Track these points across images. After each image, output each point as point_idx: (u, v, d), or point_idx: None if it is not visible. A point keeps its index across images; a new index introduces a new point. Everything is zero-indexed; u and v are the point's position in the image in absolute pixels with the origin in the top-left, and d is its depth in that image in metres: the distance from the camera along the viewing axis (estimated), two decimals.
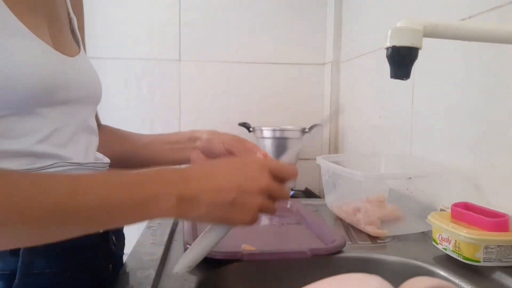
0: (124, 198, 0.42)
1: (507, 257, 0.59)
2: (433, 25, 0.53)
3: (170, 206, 0.43)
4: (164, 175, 0.46)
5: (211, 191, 0.46)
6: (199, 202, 0.45)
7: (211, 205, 0.45)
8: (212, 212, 0.46)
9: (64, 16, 0.61)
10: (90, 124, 0.61)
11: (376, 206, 0.84)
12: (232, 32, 1.58)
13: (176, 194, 0.44)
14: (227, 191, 0.46)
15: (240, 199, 0.46)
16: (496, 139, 0.71)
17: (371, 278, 0.33)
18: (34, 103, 0.48)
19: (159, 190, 0.43)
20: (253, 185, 0.47)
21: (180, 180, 0.45)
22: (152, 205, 0.43)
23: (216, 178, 0.47)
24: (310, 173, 1.61)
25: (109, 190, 0.42)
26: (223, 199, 0.46)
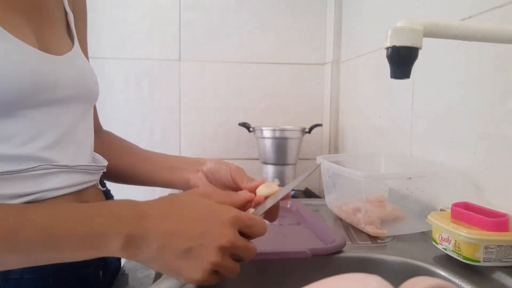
0: (67, 235, 0.40)
1: (507, 257, 0.59)
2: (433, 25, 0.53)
3: (118, 246, 0.40)
4: (114, 212, 0.42)
5: (164, 235, 0.41)
6: (148, 244, 0.41)
7: (161, 250, 0.41)
8: (161, 258, 0.41)
9: (57, 12, 0.59)
10: (85, 124, 0.59)
11: (376, 206, 0.84)
12: (232, 32, 1.58)
13: (125, 233, 0.40)
14: (181, 238, 0.41)
15: (195, 251, 0.41)
16: (496, 139, 0.71)
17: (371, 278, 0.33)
18: (15, 106, 0.46)
19: (105, 229, 0.41)
20: (212, 241, 0.42)
21: (133, 217, 0.42)
22: (98, 244, 0.40)
23: (174, 221, 0.42)
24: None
25: (52, 225, 0.40)
26: (175, 246, 0.41)
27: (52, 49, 0.53)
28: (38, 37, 0.52)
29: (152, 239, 0.41)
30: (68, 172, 0.53)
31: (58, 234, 0.40)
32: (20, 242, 0.39)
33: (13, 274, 0.48)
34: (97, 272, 0.57)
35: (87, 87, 0.59)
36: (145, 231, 0.41)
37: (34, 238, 0.39)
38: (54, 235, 0.40)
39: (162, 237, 0.41)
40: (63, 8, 0.61)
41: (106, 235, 0.40)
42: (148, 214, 0.42)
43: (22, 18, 0.50)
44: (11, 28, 0.47)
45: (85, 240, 0.40)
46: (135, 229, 0.41)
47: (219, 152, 1.60)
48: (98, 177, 0.62)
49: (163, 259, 0.42)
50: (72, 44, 0.59)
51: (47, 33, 0.54)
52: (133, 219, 0.42)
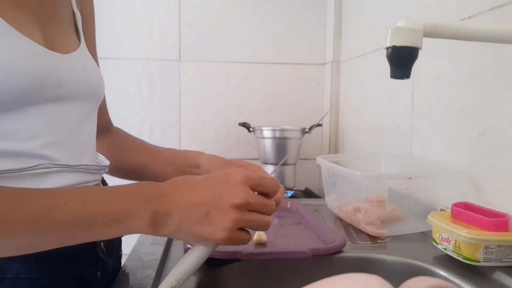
0: (99, 214, 0.43)
1: (507, 257, 0.59)
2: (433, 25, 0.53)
3: (144, 222, 0.44)
4: (139, 192, 0.46)
5: (184, 207, 0.45)
6: (172, 218, 0.45)
7: (183, 221, 0.45)
8: (185, 228, 0.45)
9: (64, 12, 0.59)
10: (89, 123, 0.59)
11: (376, 206, 0.84)
12: (232, 32, 1.58)
13: (151, 210, 0.44)
14: (199, 206, 0.45)
15: (212, 214, 0.45)
16: (496, 139, 0.71)
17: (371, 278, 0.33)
18: (20, 102, 0.47)
19: (133, 207, 0.44)
20: (227, 200, 0.45)
21: (155, 196, 0.45)
22: (127, 222, 0.43)
23: (191, 194, 0.46)
24: (310, 173, 1.62)
25: (84, 206, 0.42)
26: (195, 215, 0.45)
27: (58, 47, 0.54)
28: (45, 35, 0.52)
29: (174, 214, 0.45)
30: (70, 172, 0.53)
31: (89, 215, 0.42)
32: (53, 223, 0.41)
33: (9, 273, 0.48)
34: (95, 272, 0.57)
35: (92, 86, 0.59)
36: (168, 207, 0.45)
37: (66, 219, 0.41)
38: (85, 215, 0.42)
39: (183, 210, 0.45)
40: (71, 9, 0.62)
41: (134, 213, 0.44)
42: (168, 192, 0.46)
43: (30, 16, 0.51)
44: (19, 26, 0.47)
45: (115, 219, 0.43)
46: (159, 206, 0.45)
47: (219, 152, 1.59)
48: (99, 177, 0.62)
49: (187, 230, 0.45)
50: (79, 44, 0.60)
51: (54, 31, 0.55)
52: (157, 197, 0.45)
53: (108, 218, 0.43)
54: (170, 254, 0.70)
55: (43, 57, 0.49)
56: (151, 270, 0.60)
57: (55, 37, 0.54)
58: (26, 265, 0.48)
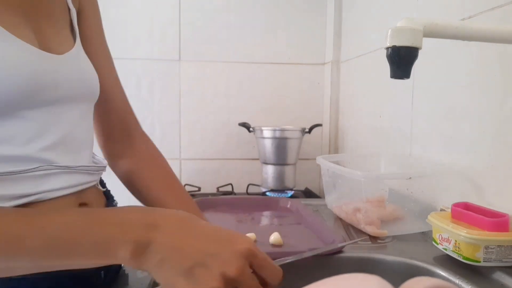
0: (78, 242, 0.39)
1: (507, 257, 0.59)
2: (433, 25, 0.53)
3: (127, 253, 0.39)
4: (127, 219, 0.41)
5: (168, 248, 0.39)
6: (153, 254, 0.39)
7: (164, 261, 0.39)
8: (160, 271, 0.40)
9: (58, 10, 0.58)
10: (86, 123, 0.58)
11: (376, 206, 0.84)
12: (232, 32, 1.58)
13: (133, 240, 0.39)
14: (185, 255, 0.39)
15: (196, 271, 0.38)
16: (496, 139, 0.71)
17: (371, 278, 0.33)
18: (15, 106, 0.46)
19: (116, 236, 0.40)
20: (219, 264, 0.38)
21: (143, 225, 0.41)
22: (108, 251, 0.40)
23: (183, 236, 0.40)
24: (310, 173, 1.62)
25: (63, 232, 0.39)
26: (179, 261, 0.39)
27: (53, 48, 0.53)
28: (39, 36, 0.52)
29: (155, 250, 0.40)
30: (69, 173, 0.53)
31: (66, 242, 0.39)
32: (27, 248, 0.39)
33: None
34: (99, 271, 0.57)
35: (89, 85, 0.58)
36: (150, 240, 0.40)
37: (41, 245, 0.39)
38: (62, 243, 0.39)
39: (166, 250, 0.39)
40: (66, 6, 0.60)
41: (115, 243, 0.39)
42: (159, 225, 0.41)
43: (21, 17, 0.50)
44: (11, 27, 0.47)
45: (94, 249, 0.40)
46: (142, 236, 0.40)
47: (219, 152, 1.60)
48: (98, 177, 0.62)
49: (162, 272, 0.40)
50: (74, 42, 0.59)
51: (47, 32, 0.54)
52: (143, 227, 0.40)
53: (86, 247, 0.39)
54: None
55: (37, 59, 0.49)
56: None
57: (49, 38, 0.53)
58: None
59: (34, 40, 0.50)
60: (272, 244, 0.72)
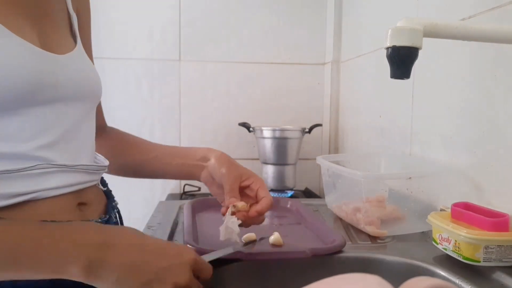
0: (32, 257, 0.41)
1: (507, 257, 0.59)
2: (433, 25, 0.53)
3: (78, 270, 0.41)
4: (81, 237, 0.43)
5: (124, 266, 0.43)
6: (108, 274, 0.42)
7: (121, 280, 0.42)
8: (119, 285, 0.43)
9: (60, 13, 0.59)
10: (87, 124, 0.59)
11: (376, 206, 0.84)
12: (232, 32, 1.58)
13: (85, 259, 0.41)
14: (143, 272, 0.43)
15: (154, 285, 0.43)
16: (496, 139, 0.71)
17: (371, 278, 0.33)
18: (16, 104, 0.47)
19: (69, 254, 0.42)
20: (171, 278, 0.44)
21: (98, 244, 0.43)
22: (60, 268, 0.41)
23: (137, 253, 0.44)
24: (310, 173, 1.62)
25: (19, 246, 0.41)
26: (136, 278, 0.43)
27: (54, 48, 0.53)
28: (41, 36, 0.52)
29: (111, 269, 0.42)
30: (68, 172, 0.53)
31: (20, 256, 0.41)
32: None
33: None
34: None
35: (89, 86, 0.59)
36: (104, 260, 0.42)
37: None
38: (16, 257, 0.41)
39: (122, 269, 0.42)
40: (67, 10, 0.62)
41: (67, 260, 0.41)
42: (114, 243, 0.44)
43: (25, 17, 0.51)
44: (14, 28, 0.47)
45: (46, 264, 0.41)
46: (95, 256, 0.42)
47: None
48: (98, 177, 0.62)
49: None
50: (74, 45, 0.59)
51: (49, 33, 0.54)
52: (97, 246, 0.43)
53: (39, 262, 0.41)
54: None
55: (38, 59, 0.49)
56: None
57: (50, 38, 0.54)
58: None
59: (36, 40, 0.51)
60: (272, 244, 0.72)
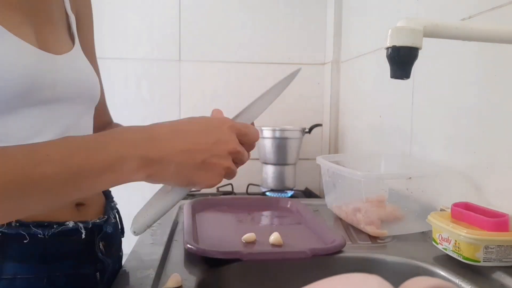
0: (86, 163, 0.40)
1: (507, 257, 0.59)
2: (433, 25, 0.53)
3: (135, 168, 0.42)
4: (126, 136, 0.44)
5: (180, 152, 0.44)
6: (168, 163, 0.44)
7: (180, 166, 0.44)
8: (180, 173, 0.45)
9: (57, 14, 0.59)
10: (84, 124, 0.59)
11: (376, 206, 0.84)
12: (232, 32, 1.58)
13: (140, 155, 0.42)
14: (197, 152, 0.45)
15: (210, 160, 0.46)
16: (496, 139, 0.71)
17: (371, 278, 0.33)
18: (13, 104, 0.47)
19: (122, 153, 0.42)
20: (223, 148, 0.46)
21: (144, 140, 0.44)
22: (116, 169, 0.41)
23: (185, 138, 0.46)
24: (310, 173, 1.61)
25: (69, 157, 0.40)
26: (192, 160, 0.45)
27: (51, 48, 0.53)
28: (38, 36, 0.52)
29: (169, 159, 0.44)
30: None
31: (75, 164, 0.40)
32: (36, 180, 0.38)
33: (6, 273, 0.47)
34: (93, 273, 0.57)
35: (87, 87, 0.59)
36: (160, 152, 0.43)
37: (50, 173, 0.39)
38: (71, 165, 0.40)
39: (178, 155, 0.44)
40: (64, 11, 0.62)
41: (123, 158, 0.42)
42: (159, 136, 0.45)
43: (22, 17, 0.51)
44: (12, 27, 0.47)
45: (103, 166, 0.41)
46: (150, 151, 0.43)
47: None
48: None
49: (182, 174, 0.45)
50: (72, 45, 0.59)
51: (47, 33, 0.54)
52: (145, 142, 0.44)
53: (95, 165, 0.41)
54: (170, 254, 0.70)
55: (36, 58, 0.49)
56: (151, 270, 0.60)
57: (48, 38, 0.54)
58: (24, 266, 0.48)
59: (33, 40, 0.51)
60: (272, 244, 0.72)
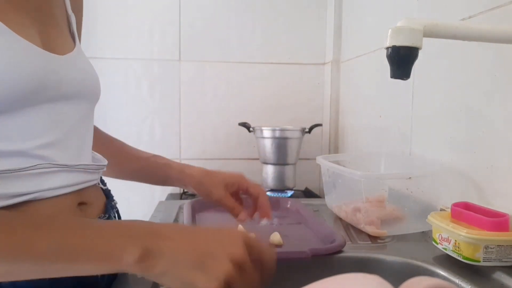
0: (85, 246, 0.40)
1: (507, 257, 0.59)
2: (433, 25, 0.53)
3: (132, 260, 0.41)
4: (131, 228, 0.44)
5: (179, 250, 0.43)
6: (164, 259, 0.42)
7: (176, 265, 0.42)
8: (175, 272, 0.42)
9: (59, 14, 0.60)
10: (87, 123, 0.59)
11: (376, 206, 0.84)
12: (232, 32, 1.58)
13: (142, 247, 0.41)
14: (196, 253, 0.43)
15: (208, 262, 0.43)
16: (496, 139, 0.71)
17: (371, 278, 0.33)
18: (18, 103, 0.47)
19: (121, 243, 0.41)
20: (226, 251, 0.43)
21: (148, 234, 0.43)
22: (115, 256, 0.41)
23: (188, 239, 0.44)
24: (310, 173, 1.62)
25: (66, 238, 0.40)
26: (189, 260, 0.42)
27: (55, 49, 0.54)
28: (43, 37, 0.53)
29: (168, 255, 0.42)
30: (68, 172, 0.53)
31: (73, 246, 0.40)
32: (33, 252, 0.39)
33: None
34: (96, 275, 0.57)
35: (90, 86, 0.60)
36: (162, 247, 0.42)
37: (47, 249, 0.39)
38: (67, 247, 0.40)
39: (178, 253, 0.43)
40: (65, 11, 0.62)
41: (123, 248, 0.41)
42: (162, 232, 0.44)
43: (27, 18, 0.51)
44: (17, 28, 0.48)
45: (101, 253, 0.41)
46: (151, 244, 0.42)
47: (219, 152, 1.60)
48: (98, 176, 0.62)
49: (177, 274, 0.42)
50: (74, 45, 0.60)
51: (51, 33, 0.55)
52: (148, 236, 0.43)
53: (93, 251, 0.41)
54: None
55: (41, 59, 0.50)
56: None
57: (52, 39, 0.55)
58: None
59: (38, 41, 0.51)
60: (272, 244, 0.72)
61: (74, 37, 0.62)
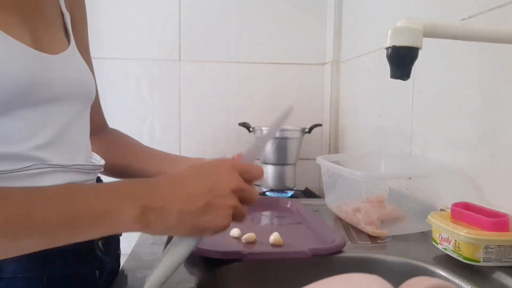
0: (83, 210, 0.40)
1: (507, 257, 0.59)
2: (433, 25, 0.53)
3: (131, 218, 0.41)
4: (127, 187, 0.44)
5: (181, 199, 0.43)
6: (168, 211, 0.42)
7: (182, 213, 0.43)
8: (184, 221, 0.43)
9: (52, 12, 0.59)
10: (80, 123, 0.59)
11: (376, 206, 0.84)
12: (232, 32, 1.58)
13: (140, 205, 0.41)
14: (198, 196, 0.44)
15: (214, 202, 0.44)
16: (496, 139, 0.71)
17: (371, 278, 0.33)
18: (9, 104, 0.46)
19: (118, 203, 0.41)
20: (225, 187, 0.45)
21: (145, 191, 0.43)
22: (113, 217, 0.41)
23: (186, 186, 0.45)
24: (310, 173, 1.62)
25: (68, 203, 0.40)
26: (194, 205, 0.43)
27: (47, 48, 0.53)
28: (33, 36, 0.52)
29: (171, 206, 0.43)
30: (63, 172, 0.53)
31: (73, 210, 0.40)
32: (35, 223, 0.38)
33: (6, 273, 0.47)
34: (93, 271, 0.57)
35: (83, 86, 0.59)
36: (162, 201, 0.43)
37: (48, 216, 0.39)
38: (69, 211, 0.40)
39: (181, 201, 0.43)
40: (59, 9, 0.61)
41: (120, 209, 0.41)
42: (160, 186, 0.44)
43: (16, 17, 0.50)
44: (6, 27, 0.47)
45: (99, 215, 0.41)
46: (151, 200, 0.42)
47: (219, 152, 1.60)
48: (94, 176, 0.62)
49: (186, 222, 0.43)
50: (68, 44, 0.59)
51: (42, 32, 0.54)
52: (146, 193, 0.43)
53: (92, 214, 0.41)
54: None
55: (31, 59, 0.49)
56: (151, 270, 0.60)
57: (43, 38, 0.54)
58: (23, 265, 0.48)
59: (28, 40, 0.50)
60: (272, 244, 0.72)
61: (69, 36, 0.61)
